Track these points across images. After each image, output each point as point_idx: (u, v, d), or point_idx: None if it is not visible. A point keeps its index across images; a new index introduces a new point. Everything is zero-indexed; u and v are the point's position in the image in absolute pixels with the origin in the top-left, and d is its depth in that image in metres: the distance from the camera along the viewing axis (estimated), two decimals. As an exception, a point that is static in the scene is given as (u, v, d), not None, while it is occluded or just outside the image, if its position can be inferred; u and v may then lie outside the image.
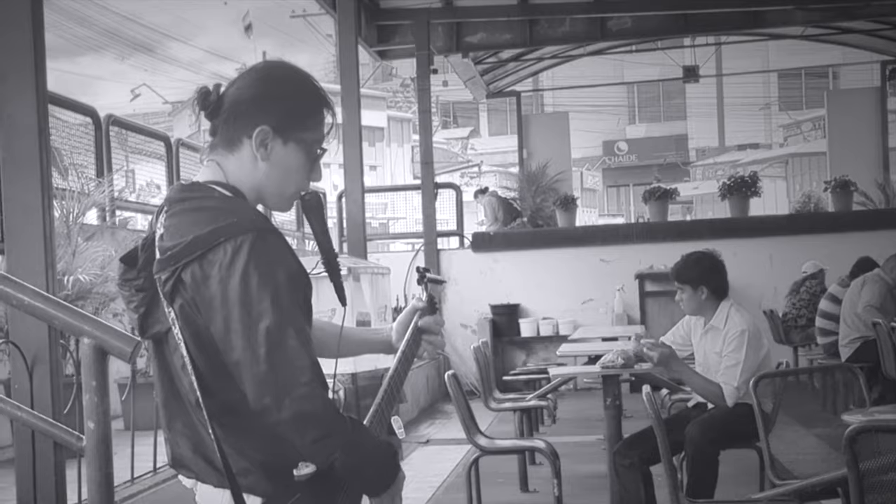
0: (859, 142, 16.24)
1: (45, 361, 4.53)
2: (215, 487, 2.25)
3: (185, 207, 2.27)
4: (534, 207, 15.62)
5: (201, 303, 2.17)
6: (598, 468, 7.67)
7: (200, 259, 2.17)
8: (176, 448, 2.33)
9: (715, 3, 13.77)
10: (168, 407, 2.33)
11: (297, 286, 2.19)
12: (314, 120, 2.38)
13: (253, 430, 2.19)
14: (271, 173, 2.34)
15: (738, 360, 5.43)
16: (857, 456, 3.36)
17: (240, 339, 2.12)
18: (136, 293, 2.32)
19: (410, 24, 13.65)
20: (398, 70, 34.25)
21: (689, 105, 41.30)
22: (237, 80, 2.39)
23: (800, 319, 11.68)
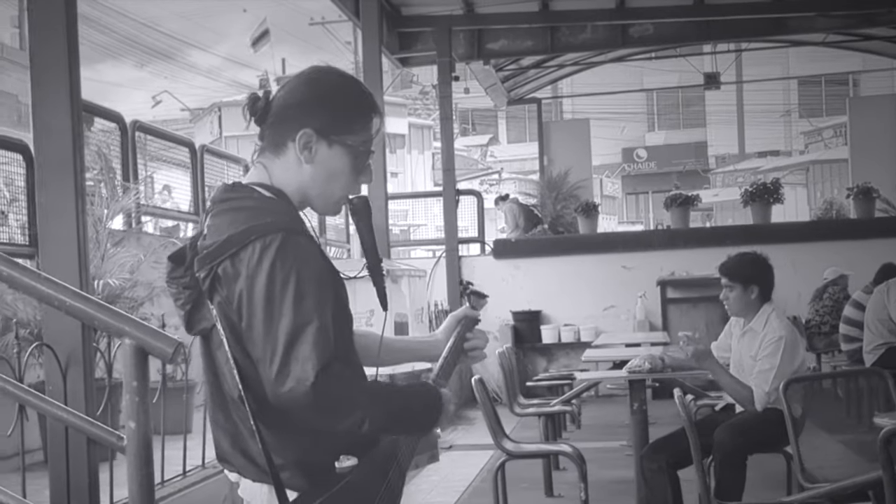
0: (881, 149, 16.22)
1: (78, 363, 4.57)
2: (253, 482, 2.30)
3: (225, 207, 2.33)
4: (554, 214, 15.66)
5: (233, 299, 2.23)
6: (622, 474, 7.68)
7: (233, 257, 2.22)
8: (219, 442, 2.40)
9: (737, 9, 13.73)
10: (213, 402, 2.39)
11: (323, 287, 2.22)
12: (360, 123, 2.41)
13: (286, 426, 2.24)
14: (316, 175, 2.38)
15: (772, 364, 5.42)
16: (892, 457, 3.35)
17: (260, 336, 2.18)
18: (183, 291, 2.38)
19: (432, 31, 13.67)
20: (418, 77, 34.35)
21: (709, 112, 41.26)
22: (285, 86, 2.45)
23: (823, 326, 11.65)
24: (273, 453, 2.24)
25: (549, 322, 13.72)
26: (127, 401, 3.24)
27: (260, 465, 2.26)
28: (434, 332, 2.76)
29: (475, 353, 2.67)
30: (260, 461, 2.26)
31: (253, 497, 2.32)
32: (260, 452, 2.24)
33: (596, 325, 13.35)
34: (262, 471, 2.26)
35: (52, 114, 4.61)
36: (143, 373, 3.26)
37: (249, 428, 2.25)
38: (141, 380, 3.25)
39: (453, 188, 13.71)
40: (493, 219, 18.77)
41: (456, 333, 2.64)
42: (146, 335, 3.22)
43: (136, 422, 3.22)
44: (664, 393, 10.38)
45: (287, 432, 2.25)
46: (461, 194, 14.45)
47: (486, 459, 8.81)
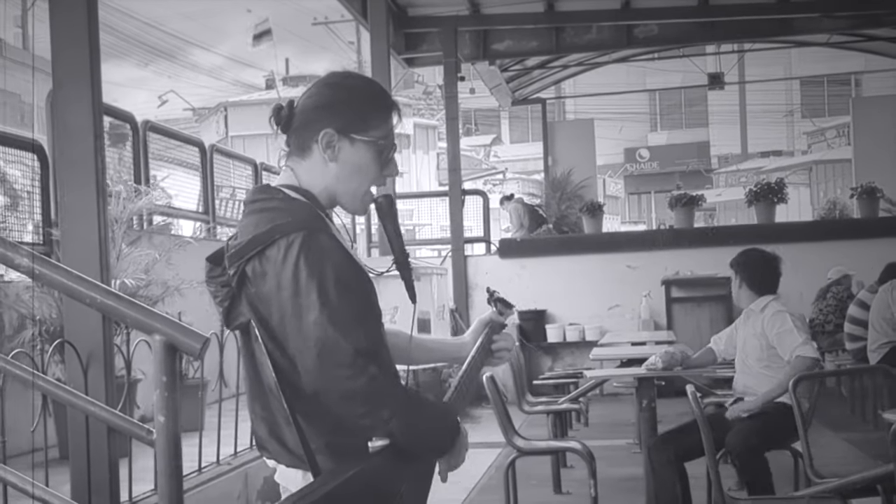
0: (885, 149, 16.28)
1: (99, 360, 4.65)
2: (287, 467, 2.42)
3: (253, 209, 2.44)
4: (559, 214, 15.72)
5: (262, 296, 2.35)
6: (630, 471, 7.75)
7: (259, 255, 2.34)
8: (257, 430, 2.50)
9: (742, 10, 13.80)
10: (251, 393, 2.49)
11: (346, 281, 2.32)
12: (378, 119, 2.52)
13: (319, 413, 2.33)
14: (341, 173, 2.48)
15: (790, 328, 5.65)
16: None
17: (293, 330, 2.29)
18: (221, 288, 2.47)
19: (438, 32, 13.74)
20: (423, 78, 34.39)
21: (711, 112, 41.29)
22: (306, 92, 2.57)
23: (827, 325, 11.71)
24: (307, 439, 2.34)
25: (554, 321, 13.77)
26: (157, 396, 3.31)
27: (293, 452, 2.38)
28: (462, 335, 2.86)
29: (501, 354, 2.80)
30: (294, 448, 2.37)
31: (288, 482, 2.43)
32: (294, 439, 2.34)
33: (601, 325, 13.41)
34: (295, 457, 2.38)
35: (73, 115, 4.69)
36: (173, 368, 3.32)
37: (285, 416, 2.35)
38: (170, 375, 3.31)
39: (459, 188, 13.77)
40: (498, 218, 18.83)
41: (483, 336, 2.76)
42: (176, 331, 3.29)
43: (165, 416, 3.28)
44: (669, 391, 10.46)
45: (319, 419, 2.35)
46: (467, 194, 14.52)
47: (494, 457, 8.88)
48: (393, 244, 2.56)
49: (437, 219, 16.07)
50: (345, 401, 2.26)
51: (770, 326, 5.74)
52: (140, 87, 37.87)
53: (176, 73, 37.25)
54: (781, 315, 5.73)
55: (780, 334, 5.68)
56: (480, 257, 14.34)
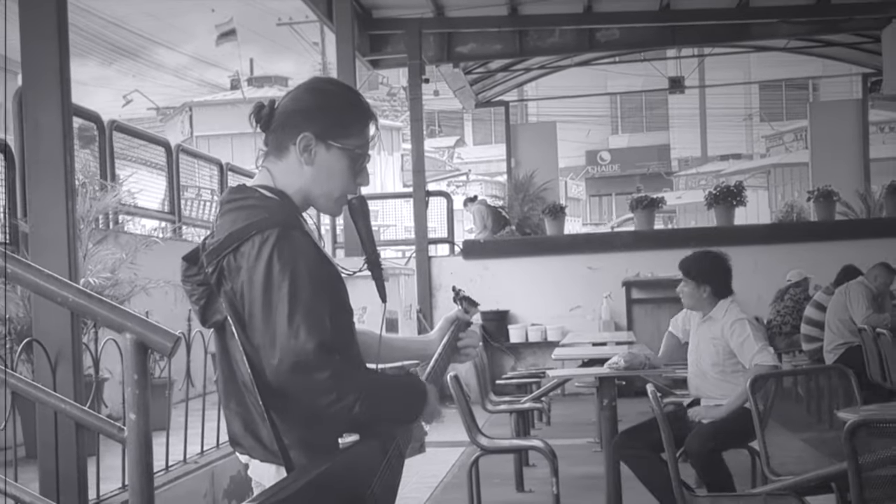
0: (841, 152, 16.49)
1: (67, 358, 4.68)
2: (261, 462, 2.48)
3: (230, 207, 2.50)
4: (521, 216, 15.81)
5: (237, 291, 2.41)
6: (591, 469, 7.85)
7: (235, 251, 2.41)
8: (231, 426, 2.56)
9: (702, 15, 13.97)
10: (226, 389, 2.55)
11: (317, 279, 2.39)
12: (356, 127, 2.59)
13: (292, 408, 2.40)
14: (316, 177, 2.55)
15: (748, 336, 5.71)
16: (856, 448, 3.52)
17: (260, 323, 2.35)
18: (197, 287, 2.54)
19: (402, 34, 13.81)
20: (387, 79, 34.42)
21: (672, 116, 41.61)
22: (287, 95, 2.63)
23: (784, 326, 11.84)
24: (281, 434, 2.41)
25: (516, 322, 13.86)
26: (128, 393, 3.36)
27: (268, 447, 2.44)
28: (429, 333, 2.94)
29: (468, 351, 2.88)
30: (268, 443, 2.43)
31: (262, 476, 2.49)
32: (268, 435, 2.41)
33: (562, 325, 13.51)
34: (269, 452, 2.44)
35: (43, 114, 4.72)
36: (144, 366, 3.38)
37: (260, 411, 2.42)
38: (141, 373, 3.37)
39: (423, 189, 13.83)
40: (461, 220, 18.89)
41: (450, 333, 2.84)
42: (147, 330, 3.34)
43: (136, 413, 3.33)
44: (629, 391, 10.59)
45: (292, 415, 2.41)
46: (431, 195, 14.57)
47: (457, 456, 8.96)
48: (365, 244, 2.63)
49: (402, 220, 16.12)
50: (310, 393, 2.32)
51: (731, 334, 5.79)
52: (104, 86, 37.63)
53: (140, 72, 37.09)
54: (741, 323, 5.78)
55: (741, 344, 5.74)
56: (444, 258, 14.41)
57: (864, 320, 9.21)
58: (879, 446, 3.87)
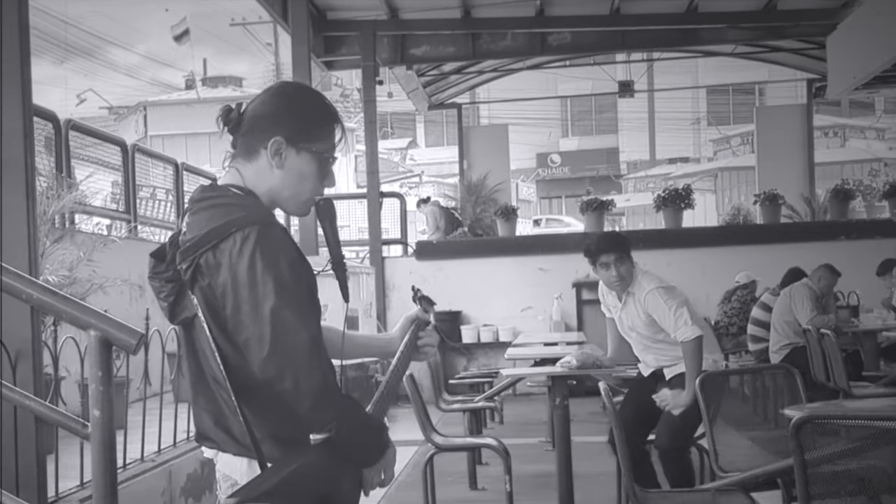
0: (786, 156, 16.74)
1: (27, 356, 4.68)
2: (234, 455, 2.52)
3: (204, 205, 2.54)
4: (474, 217, 15.92)
5: (216, 287, 2.44)
6: (543, 468, 7.96)
7: (214, 248, 2.44)
8: (199, 422, 2.60)
9: (652, 20, 14.17)
10: (195, 385, 2.58)
11: (297, 274, 2.45)
12: (324, 131, 2.65)
13: (265, 403, 2.44)
14: (286, 179, 2.60)
15: (672, 310, 5.71)
16: (801, 444, 3.61)
17: (247, 318, 2.38)
18: (166, 284, 2.58)
19: (357, 36, 13.87)
20: (341, 81, 34.38)
21: (621, 119, 41.94)
22: (256, 98, 2.67)
23: (731, 327, 12.02)
24: (253, 428, 2.45)
25: (469, 322, 13.98)
26: (92, 390, 3.40)
27: (240, 441, 2.48)
28: (390, 332, 3.00)
29: (427, 350, 2.95)
30: (240, 437, 2.47)
31: (233, 470, 2.53)
32: (241, 429, 2.45)
33: (514, 326, 13.64)
34: (241, 445, 2.48)
35: (4, 115, 4.72)
36: (108, 363, 3.42)
37: (231, 406, 2.46)
38: (105, 370, 3.41)
39: (377, 190, 13.90)
40: (414, 221, 18.96)
41: (410, 332, 2.91)
42: (111, 327, 3.38)
43: (100, 410, 3.38)
44: (580, 391, 10.73)
45: (265, 409, 2.46)
46: (384, 196, 14.64)
47: (411, 455, 9.03)
48: (331, 245, 2.69)
49: (356, 220, 16.15)
50: (296, 390, 2.35)
51: (648, 308, 5.80)
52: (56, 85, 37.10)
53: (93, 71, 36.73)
54: (653, 296, 5.77)
55: (660, 319, 5.76)
56: (398, 259, 14.48)
57: (808, 321, 9.40)
58: (823, 443, 3.98)
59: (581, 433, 9.09)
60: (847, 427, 3.92)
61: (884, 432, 3.74)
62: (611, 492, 6.72)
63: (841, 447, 3.91)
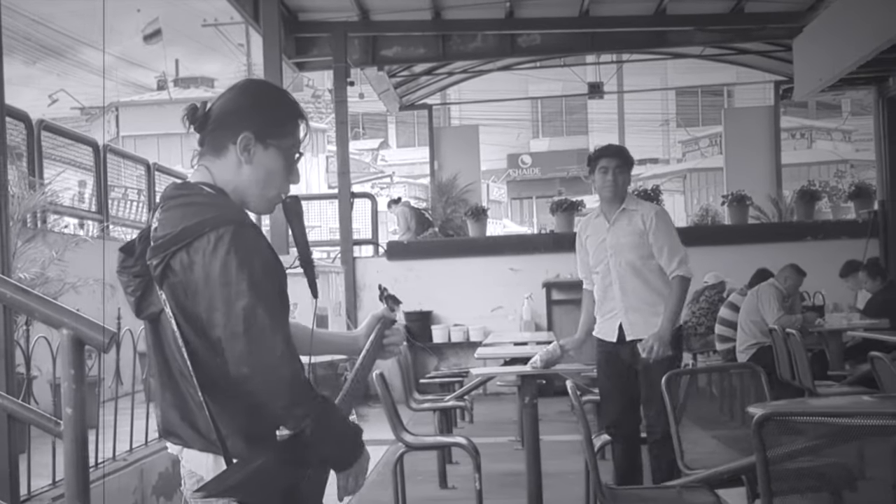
0: (754, 158, 16.85)
1: (0, 355, 4.71)
2: (200, 451, 2.54)
3: (176, 203, 2.57)
4: (444, 218, 15.97)
5: (188, 285, 2.47)
6: (512, 466, 8.03)
7: (187, 247, 2.47)
8: (165, 418, 2.62)
9: (621, 22, 14.27)
10: (161, 380, 2.61)
11: (271, 273, 2.49)
12: (290, 127, 2.70)
13: (233, 399, 2.48)
14: (253, 176, 2.64)
15: (676, 241, 5.81)
16: (764, 440, 3.69)
17: (221, 316, 2.42)
18: (134, 279, 2.61)
19: (328, 37, 13.91)
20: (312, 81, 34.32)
21: (591, 120, 42.05)
22: (222, 96, 2.71)
23: (699, 327, 12.12)
24: (219, 424, 2.48)
25: (439, 322, 14.05)
26: (65, 388, 3.44)
27: (206, 436, 2.51)
28: (356, 330, 3.05)
29: (392, 348, 2.99)
30: (206, 432, 2.50)
31: (198, 466, 2.56)
32: (207, 424, 2.48)
33: (484, 326, 13.72)
34: (207, 441, 2.51)
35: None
36: (81, 361, 3.46)
37: (198, 401, 2.49)
38: (78, 368, 3.45)
39: (348, 191, 13.94)
40: (386, 221, 19.02)
41: (376, 331, 2.96)
42: (83, 326, 3.42)
43: (73, 407, 3.42)
44: (549, 391, 10.81)
45: (231, 405, 2.49)
46: (355, 197, 14.67)
47: (381, 454, 9.07)
48: (298, 242, 2.73)
49: (327, 221, 16.18)
50: (269, 387, 2.40)
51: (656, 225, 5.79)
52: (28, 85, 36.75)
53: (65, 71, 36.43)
54: (663, 216, 5.77)
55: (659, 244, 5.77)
56: (369, 259, 14.52)
57: (775, 321, 9.52)
58: (786, 440, 4.05)
59: (551, 432, 9.20)
60: (808, 424, 3.98)
61: (843, 429, 3.80)
62: (579, 490, 6.78)
63: (802, 444, 3.98)
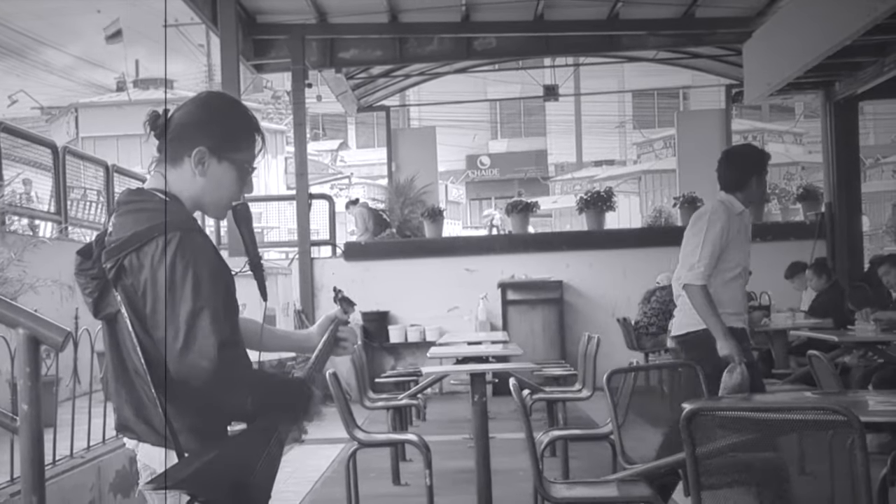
0: (706, 160, 16.92)
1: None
2: (153, 446, 2.69)
3: (129, 209, 2.72)
4: (402, 219, 16.09)
5: (138, 287, 2.61)
6: (465, 464, 8.16)
7: (138, 251, 2.61)
8: (121, 414, 2.76)
9: (574, 26, 14.46)
10: (116, 378, 2.75)
11: (216, 277, 2.62)
12: (245, 142, 2.84)
13: (183, 397, 2.61)
14: (207, 187, 2.79)
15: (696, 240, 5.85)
16: (692, 434, 3.85)
17: (165, 319, 2.55)
18: (91, 280, 2.75)
19: (286, 39, 14.02)
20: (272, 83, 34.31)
21: (549, 122, 42.31)
22: (182, 107, 2.84)
23: (651, 327, 12.31)
24: (171, 420, 2.62)
25: (396, 322, 14.17)
26: (21, 385, 3.57)
27: (159, 431, 2.65)
28: (309, 328, 3.20)
29: (346, 345, 3.13)
30: (159, 428, 2.64)
31: (152, 460, 2.71)
32: (160, 420, 2.62)
33: (440, 326, 13.86)
34: (160, 436, 2.65)
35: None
36: (36, 360, 3.59)
37: (152, 398, 2.63)
38: (33, 366, 3.58)
39: (306, 192, 14.04)
40: (344, 222, 19.10)
41: (330, 330, 3.11)
42: (39, 325, 3.55)
43: (28, 404, 3.55)
44: (504, 389, 10.98)
45: (183, 402, 2.62)
46: (313, 198, 14.76)
47: (337, 452, 9.21)
48: (248, 247, 2.88)
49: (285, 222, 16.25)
50: (208, 387, 2.52)
51: None
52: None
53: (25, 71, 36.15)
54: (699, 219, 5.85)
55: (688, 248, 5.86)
56: (326, 260, 14.62)
57: None
58: (716, 435, 4.21)
59: (504, 430, 9.37)
60: (736, 419, 4.14)
61: (770, 424, 3.97)
62: (529, 487, 6.94)
63: (734, 439, 4.15)
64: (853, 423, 3.13)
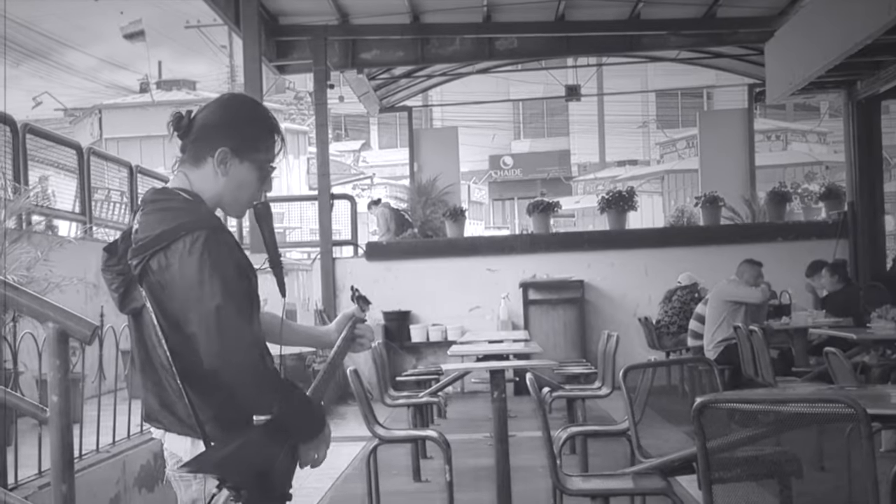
0: (728, 159, 17.08)
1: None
2: (179, 435, 2.78)
3: (155, 207, 2.81)
4: (424, 219, 16.17)
5: (166, 284, 2.70)
6: (485, 461, 8.21)
7: (165, 249, 2.70)
8: (148, 404, 2.86)
9: (595, 27, 14.53)
10: (143, 370, 2.85)
11: (241, 274, 2.72)
12: (266, 143, 2.93)
13: (208, 388, 2.70)
14: (229, 186, 2.88)
15: None
16: (703, 426, 3.91)
17: (195, 315, 2.64)
18: (117, 276, 2.84)
19: (308, 41, 14.13)
20: (294, 84, 34.50)
21: (572, 122, 42.28)
22: (205, 108, 2.93)
23: (671, 326, 12.37)
24: (197, 410, 2.72)
25: (417, 322, 14.25)
26: (51, 377, 3.67)
27: (185, 421, 2.75)
28: (328, 325, 3.28)
29: (363, 341, 3.21)
30: (185, 417, 2.74)
31: (178, 448, 2.81)
32: (185, 410, 2.72)
33: (462, 325, 13.92)
34: (186, 425, 2.75)
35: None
36: (65, 353, 3.70)
37: (177, 390, 2.72)
38: (63, 359, 3.69)
39: (328, 192, 14.14)
40: (366, 222, 19.21)
41: (348, 327, 3.20)
42: (68, 319, 3.66)
43: (58, 395, 3.66)
44: (524, 388, 11.05)
45: (208, 393, 2.72)
46: (335, 198, 14.85)
47: (358, 450, 9.30)
48: (268, 245, 2.96)
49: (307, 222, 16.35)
50: (239, 379, 2.62)
51: None
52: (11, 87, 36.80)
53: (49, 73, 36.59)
54: None
55: None
56: (348, 260, 14.68)
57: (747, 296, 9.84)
58: (728, 429, 4.26)
59: (524, 429, 9.44)
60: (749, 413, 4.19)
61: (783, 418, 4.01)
62: (548, 483, 6.99)
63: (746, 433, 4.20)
64: (859, 414, 3.18)
